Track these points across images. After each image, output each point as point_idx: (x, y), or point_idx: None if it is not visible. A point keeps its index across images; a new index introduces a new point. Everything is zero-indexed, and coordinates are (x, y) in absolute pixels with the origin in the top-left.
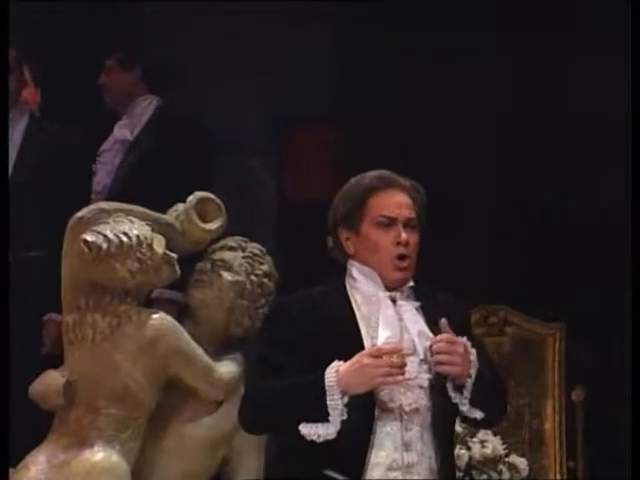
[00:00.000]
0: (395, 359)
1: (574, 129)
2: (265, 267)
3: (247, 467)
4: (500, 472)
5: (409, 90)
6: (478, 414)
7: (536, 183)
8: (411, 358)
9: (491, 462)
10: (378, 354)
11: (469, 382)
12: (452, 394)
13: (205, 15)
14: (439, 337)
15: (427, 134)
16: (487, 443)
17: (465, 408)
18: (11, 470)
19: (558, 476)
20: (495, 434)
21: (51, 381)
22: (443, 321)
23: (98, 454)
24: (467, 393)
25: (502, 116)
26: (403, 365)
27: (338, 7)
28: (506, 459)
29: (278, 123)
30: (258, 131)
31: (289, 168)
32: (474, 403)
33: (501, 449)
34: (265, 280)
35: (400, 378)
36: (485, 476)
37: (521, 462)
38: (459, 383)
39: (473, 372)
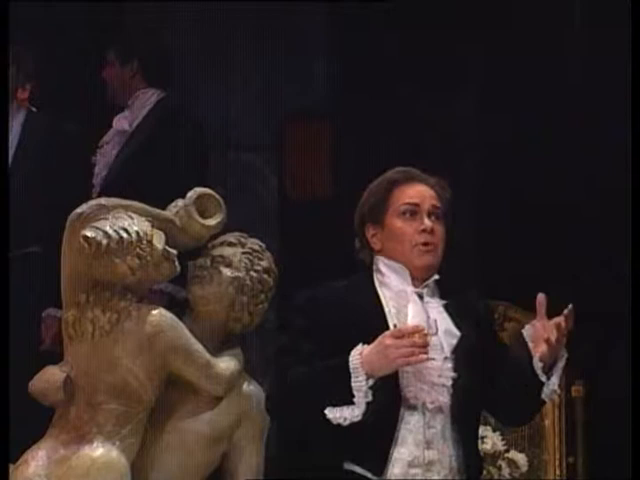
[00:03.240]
0: (417, 339)
1: (576, 125)
2: (265, 263)
3: (247, 463)
4: (499, 468)
5: (407, 87)
6: (555, 395)
7: (538, 180)
8: (435, 356)
9: (491, 458)
10: (400, 335)
11: (561, 362)
12: (542, 375)
13: (204, 12)
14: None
15: (425, 131)
16: (486, 439)
17: (555, 388)
18: (11, 466)
19: (558, 472)
20: (494, 430)
21: (51, 377)
22: (540, 296)
23: (98, 450)
24: (559, 372)
25: (501, 111)
26: (425, 345)
27: (339, 5)
28: (506, 455)
29: (279, 119)
30: (258, 126)
31: (289, 164)
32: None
33: (500, 445)
34: (265, 276)
35: (423, 357)
36: (484, 472)
37: (521, 458)
38: (550, 363)
39: (564, 352)
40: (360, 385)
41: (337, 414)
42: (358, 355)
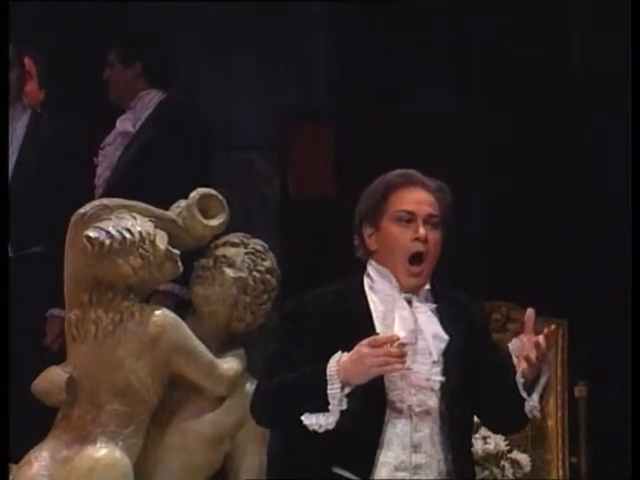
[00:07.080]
0: (393, 348)
1: (578, 124)
2: (267, 263)
3: (250, 463)
4: (502, 468)
5: (410, 87)
6: (535, 412)
7: (539, 179)
8: (423, 360)
9: (493, 458)
10: (376, 344)
11: (543, 379)
12: (522, 391)
13: (205, 12)
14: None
15: (428, 133)
16: (489, 439)
17: (536, 405)
18: (14, 466)
19: (561, 472)
20: None
21: (54, 377)
22: (529, 311)
23: (101, 450)
24: (539, 389)
25: (505, 113)
26: (401, 354)
27: (341, 6)
28: (509, 455)
29: (281, 119)
30: (261, 127)
31: (292, 164)
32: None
33: (503, 445)
34: (267, 276)
35: (398, 366)
36: (487, 472)
37: (523, 458)
38: (531, 379)
39: (546, 369)
40: (335, 393)
41: (312, 420)
42: (335, 363)
